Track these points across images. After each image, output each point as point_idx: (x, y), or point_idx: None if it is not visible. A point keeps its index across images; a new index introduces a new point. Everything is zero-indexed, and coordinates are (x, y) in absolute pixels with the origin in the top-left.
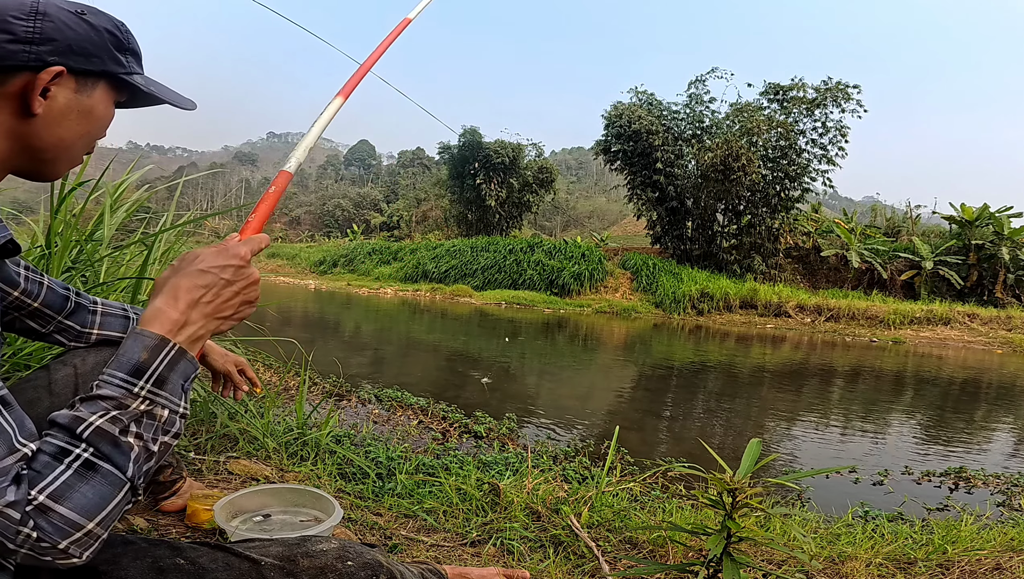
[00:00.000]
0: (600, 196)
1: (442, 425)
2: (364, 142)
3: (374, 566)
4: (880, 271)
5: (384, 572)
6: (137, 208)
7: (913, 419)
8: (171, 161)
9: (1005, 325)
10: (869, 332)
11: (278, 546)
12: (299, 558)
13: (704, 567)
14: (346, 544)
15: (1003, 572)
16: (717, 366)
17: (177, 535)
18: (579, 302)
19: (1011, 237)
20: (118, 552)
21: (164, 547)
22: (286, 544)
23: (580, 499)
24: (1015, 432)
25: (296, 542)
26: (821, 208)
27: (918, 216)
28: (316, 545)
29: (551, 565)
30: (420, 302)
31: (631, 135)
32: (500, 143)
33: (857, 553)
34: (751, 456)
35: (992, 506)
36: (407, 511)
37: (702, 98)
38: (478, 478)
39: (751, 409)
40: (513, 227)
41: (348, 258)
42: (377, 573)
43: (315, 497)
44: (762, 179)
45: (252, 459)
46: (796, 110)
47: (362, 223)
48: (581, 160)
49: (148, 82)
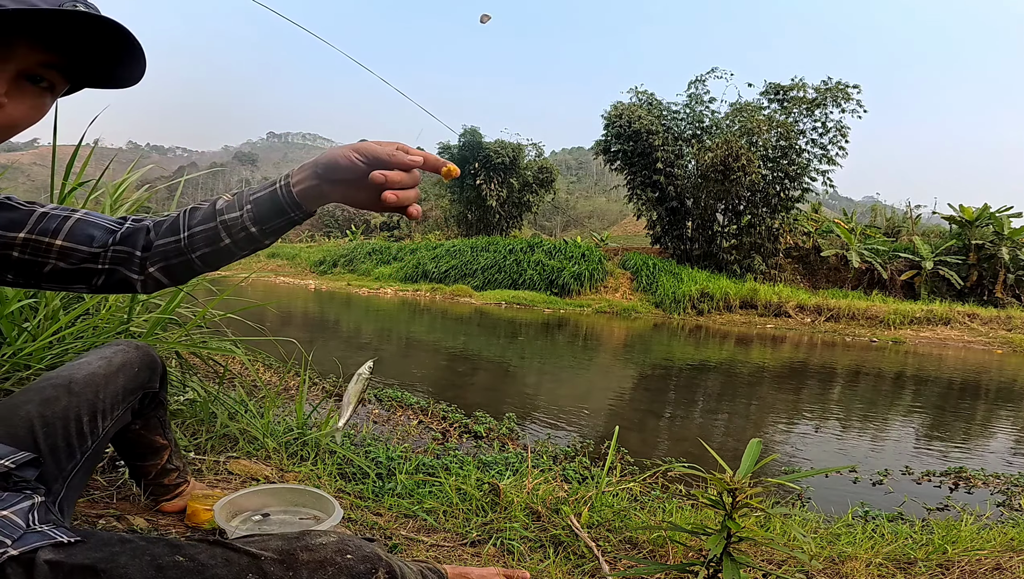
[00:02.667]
0: (600, 196)
1: (442, 425)
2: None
3: (373, 560)
4: (880, 271)
5: (383, 566)
6: (137, 208)
7: (913, 419)
8: (171, 161)
9: (1005, 325)
10: (869, 332)
11: (277, 540)
12: (298, 552)
13: (704, 567)
14: (345, 538)
15: (1003, 572)
16: (717, 366)
17: (177, 535)
18: (579, 302)
19: (1011, 237)
20: (116, 551)
21: (162, 545)
22: (285, 538)
23: (580, 499)
24: (1015, 432)
25: (295, 536)
26: (821, 208)
27: (918, 216)
28: (315, 539)
29: (551, 565)
30: (420, 302)
31: (631, 135)
32: (500, 143)
33: (857, 553)
34: (751, 456)
35: (992, 506)
36: (407, 511)
37: (702, 98)
38: (478, 478)
39: (751, 409)
40: (513, 227)
41: (348, 258)
42: (376, 567)
43: (315, 497)
44: (762, 179)
45: (252, 459)
46: (796, 110)
47: (362, 223)
48: (581, 160)
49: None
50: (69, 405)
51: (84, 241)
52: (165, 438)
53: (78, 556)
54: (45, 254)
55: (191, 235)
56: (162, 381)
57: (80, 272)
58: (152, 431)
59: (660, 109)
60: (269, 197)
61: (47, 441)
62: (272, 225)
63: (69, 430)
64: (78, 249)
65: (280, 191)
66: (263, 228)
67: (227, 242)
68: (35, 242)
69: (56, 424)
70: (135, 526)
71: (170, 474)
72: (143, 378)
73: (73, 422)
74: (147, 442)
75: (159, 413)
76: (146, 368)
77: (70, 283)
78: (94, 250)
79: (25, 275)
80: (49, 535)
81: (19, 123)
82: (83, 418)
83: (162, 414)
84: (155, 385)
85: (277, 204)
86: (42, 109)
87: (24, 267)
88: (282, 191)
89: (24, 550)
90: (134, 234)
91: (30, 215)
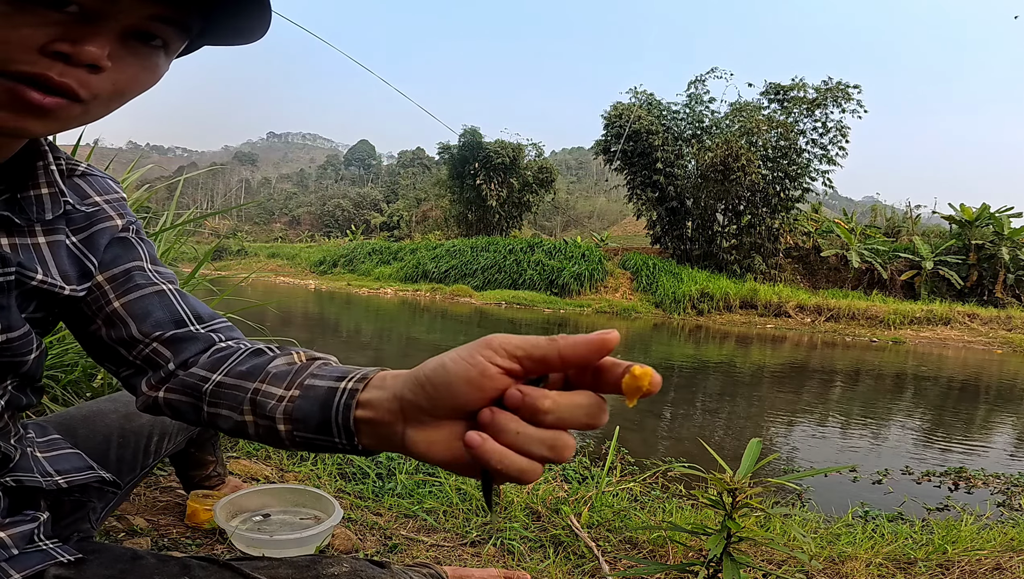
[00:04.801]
0: (600, 196)
1: None
2: (364, 142)
3: None
4: (880, 271)
5: None
6: (137, 208)
7: (913, 419)
8: (171, 161)
9: (1005, 325)
10: (869, 332)
11: (288, 567)
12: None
13: (704, 567)
14: (357, 566)
15: (1003, 572)
16: (717, 366)
17: (177, 535)
18: (579, 302)
19: (1011, 237)
20: (126, 569)
21: (173, 564)
22: (296, 566)
23: (580, 499)
24: (1015, 432)
25: (306, 564)
26: (821, 208)
27: (918, 216)
28: (327, 568)
29: (551, 565)
30: (420, 302)
31: (631, 135)
32: (500, 143)
33: (857, 553)
34: (751, 456)
35: (992, 506)
36: (407, 511)
37: (702, 98)
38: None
39: (751, 409)
40: (513, 227)
41: (348, 258)
42: None
43: (315, 497)
44: (762, 179)
45: (252, 459)
46: (796, 110)
47: (362, 223)
48: (581, 160)
49: None
50: (145, 423)
51: (137, 316)
52: (214, 456)
53: (87, 575)
54: (98, 311)
55: (220, 384)
56: None
57: (111, 352)
58: (203, 451)
59: (660, 109)
60: (322, 397)
61: (118, 451)
62: (305, 438)
63: (139, 446)
64: (125, 321)
65: (337, 397)
66: (293, 432)
67: (248, 420)
68: (101, 291)
69: (131, 438)
70: (135, 526)
71: (211, 479)
72: None
73: (144, 439)
74: (197, 459)
75: (213, 439)
76: None
77: (102, 359)
78: (135, 333)
79: (75, 325)
80: (52, 554)
81: (127, 90)
82: (154, 437)
83: (215, 439)
84: None
85: (326, 411)
86: (155, 73)
87: (76, 315)
88: (339, 399)
89: (28, 573)
90: (196, 341)
91: (127, 261)
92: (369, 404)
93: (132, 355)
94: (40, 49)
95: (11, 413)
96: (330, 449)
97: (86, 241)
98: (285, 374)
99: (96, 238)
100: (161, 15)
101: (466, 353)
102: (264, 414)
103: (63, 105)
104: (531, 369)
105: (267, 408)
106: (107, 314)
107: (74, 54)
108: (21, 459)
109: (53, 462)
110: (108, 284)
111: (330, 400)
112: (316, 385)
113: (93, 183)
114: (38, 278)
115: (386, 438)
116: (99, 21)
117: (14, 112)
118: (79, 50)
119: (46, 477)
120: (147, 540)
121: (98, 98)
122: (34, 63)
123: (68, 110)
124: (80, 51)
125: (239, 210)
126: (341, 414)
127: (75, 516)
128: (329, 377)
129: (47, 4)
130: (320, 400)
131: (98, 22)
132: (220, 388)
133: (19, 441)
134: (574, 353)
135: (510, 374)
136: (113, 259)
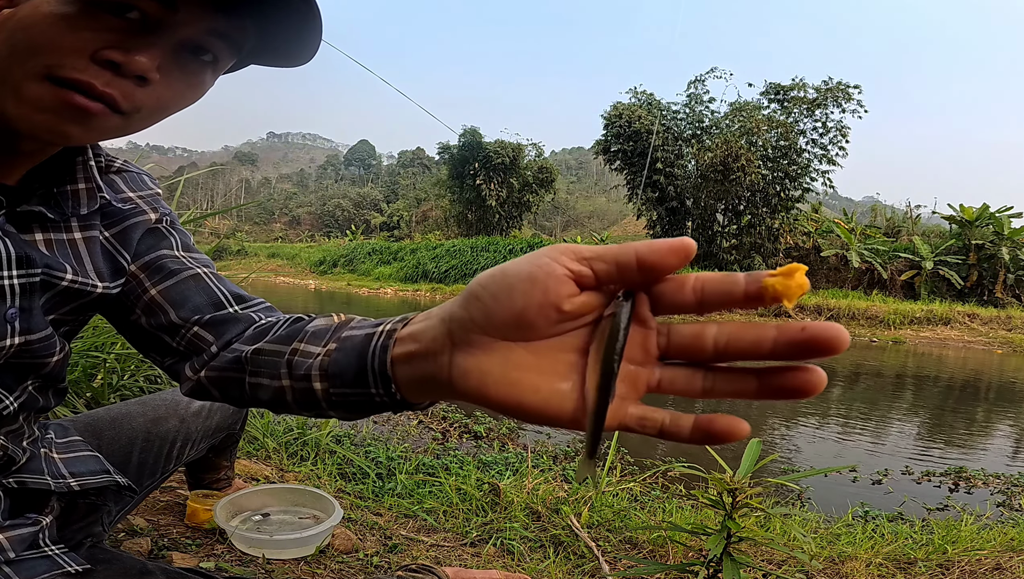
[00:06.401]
0: (600, 196)
1: (442, 425)
2: (364, 142)
3: None
4: (880, 271)
5: None
6: None
7: (913, 419)
8: (171, 161)
9: (1005, 325)
10: (869, 332)
11: None
12: None
13: (704, 567)
14: None
15: (1003, 572)
16: None
17: (177, 535)
18: None
19: (1011, 237)
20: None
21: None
22: None
23: (580, 499)
24: (1015, 432)
25: None
26: (821, 208)
27: (918, 216)
28: None
29: (551, 565)
30: (420, 302)
31: (631, 135)
32: (500, 143)
33: (857, 553)
34: (751, 456)
35: (992, 506)
36: (407, 511)
37: (701, 98)
38: (478, 478)
39: (751, 409)
40: (513, 227)
41: (348, 258)
42: None
43: (315, 497)
44: (762, 179)
45: (252, 459)
46: (796, 110)
47: (362, 223)
48: (581, 160)
49: None
50: (171, 429)
51: (175, 302)
52: (228, 462)
53: None
54: (135, 300)
55: (259, 351)
56: (242, 424)
57: (155, 340)
58: (221, 457)
59: (660, 109)
60: (359, 344)
61: (140, 455)
62: (341, 394)
63: (162, 452)
64: (164, 308)
65: (375, 341)
66: (329, 390)
67: (285, 385)
68: (136, 280)
69: (155, 442)
70: (135, 526)
71: (220, 482)
72: (232, 421)
73: (168, 445)
74: (212, 465)
75: (231, 446)
76: (238, 412)
77: (147, 350)
78: (175, 319)
79: (115, 318)
80: (59, 563)
81: (170, 105)
82: (177, 443)
83: (233, 447)
84: (236, 427)
85: (362, 360)
86: (200, 89)
87: (115, 308)
88: (376, 342)
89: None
90: (237, 322)
91: (158, 249)
92: (410, 337)
93: (175, 341)
94: (92, 56)
95: (26, 415)
96: (367, 406)
97: (119, 236)
98: (324, 332)
99: (129, 233)
100: (217, 30)
101: (530, 256)
102: (300, 375)
103: (105, 113)
104: (603, 274)
105: (303, 367)
106: (145, 303)
107: (125, 63)
108: (31, 461)
109: (68, 464)
110: (142, 272)
111: (367, 346)
112: (353, 334)
113: (128, 179)
114: (68, 278)
115: (430, 377)
116: (156, 31)
117: (57, 115)
118: (130, 59)
119: (57, 479)
120: (147, 540)
121: (140, 112)
122: (83, 70)
123: (107, 120)
124: (131, 60)
125: (239, 210)
126: (377, 357)
127: (89, 519)
128: (368, 325)
129: (110, 9)
130: (357, 349)
131: (155, 32)
132: (259, 355)
133: (33, 443)
134: (653, 256)
135: (580, 283)
136: (146, 249)
